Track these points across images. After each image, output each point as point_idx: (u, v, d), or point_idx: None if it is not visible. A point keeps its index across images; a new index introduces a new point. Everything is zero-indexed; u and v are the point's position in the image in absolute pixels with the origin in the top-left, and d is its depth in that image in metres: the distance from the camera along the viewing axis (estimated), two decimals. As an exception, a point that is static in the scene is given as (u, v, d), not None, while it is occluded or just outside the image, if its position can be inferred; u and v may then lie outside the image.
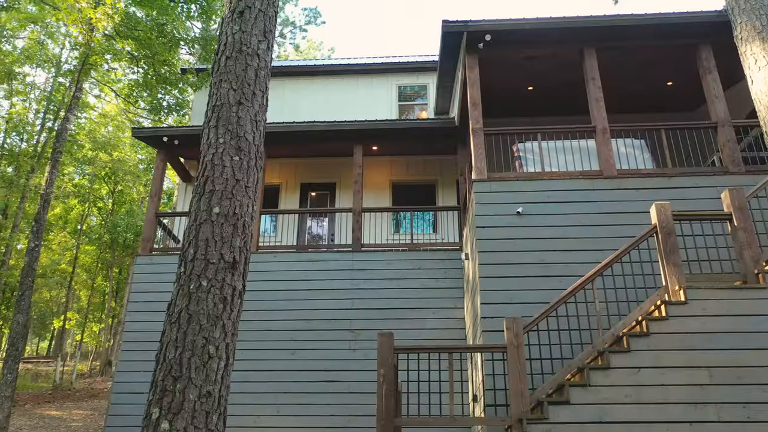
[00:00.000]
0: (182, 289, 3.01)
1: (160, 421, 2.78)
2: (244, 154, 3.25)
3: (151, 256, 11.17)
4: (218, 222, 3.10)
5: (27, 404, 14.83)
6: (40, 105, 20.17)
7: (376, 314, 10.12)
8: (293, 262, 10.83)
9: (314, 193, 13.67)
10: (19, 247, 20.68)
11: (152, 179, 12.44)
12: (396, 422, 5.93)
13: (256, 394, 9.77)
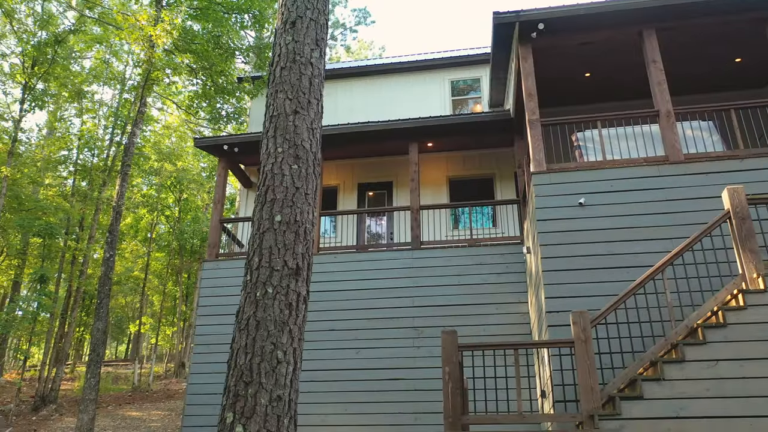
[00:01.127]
0: (249, 296, 3.10)
1: (235, 425, 2.87)
2: (302, 162, 3.31)
3: (217, 261, 11.53)
4: (280, 230, 3.17)
5: (109, 406, 15.61)
6: (108, 121, 21.16)
7: (438, 311, 10.10)
8: (354, 262, 10.94)
9: (371, 192, 13.75)
10: (95, 257, 21.76)
11: (215, 187, 12.85)
12: (463, 420, 5.91)
13: (323, 393, 9.94)
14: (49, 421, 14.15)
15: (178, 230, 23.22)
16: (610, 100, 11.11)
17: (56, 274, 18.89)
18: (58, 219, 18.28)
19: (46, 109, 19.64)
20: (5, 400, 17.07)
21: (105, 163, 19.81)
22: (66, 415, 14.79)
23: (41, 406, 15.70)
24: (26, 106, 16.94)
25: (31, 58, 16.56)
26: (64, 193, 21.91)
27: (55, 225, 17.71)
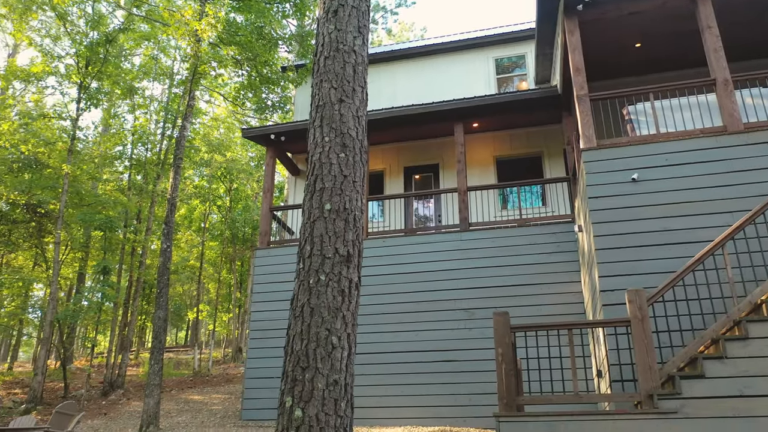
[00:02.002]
0: (303, 284, 3.16)
1: (294, 409, 2.96)
2: (349, 150, 3.34)
3: (268, 249, 11.77)
4: (330, 218, 3.22)
5: (172, 390, 16.24)
6: (158, 116, 21.75)
7: (489, 293, 10.06)
8: (402, 245, 10.99)
9: (418, 176, 13.73)
10: (153, 248, 22.55)
11: (264, 176, 13.08)
12: (518, 400, 5.89)
13: (378, 376, 10.08)
14: (118, 405, 14.86)
15: (230, 219, 23.78)
16: (663, 70, 10.72)
17: (117, 266, 19.67)
18: (117, 212, 18.99)
19: (101, 107, 20.33)
20: (77, 385, 18.00)
21: (158, 156, 20.42)
22: (133, 399, 15.49)
23: (110, 391, 16.49)
24: (82, 105, 17.59)
25: (85, 58, 17.14)
26: (121, 187, 22.72)
27: (114, 218, 18.41)
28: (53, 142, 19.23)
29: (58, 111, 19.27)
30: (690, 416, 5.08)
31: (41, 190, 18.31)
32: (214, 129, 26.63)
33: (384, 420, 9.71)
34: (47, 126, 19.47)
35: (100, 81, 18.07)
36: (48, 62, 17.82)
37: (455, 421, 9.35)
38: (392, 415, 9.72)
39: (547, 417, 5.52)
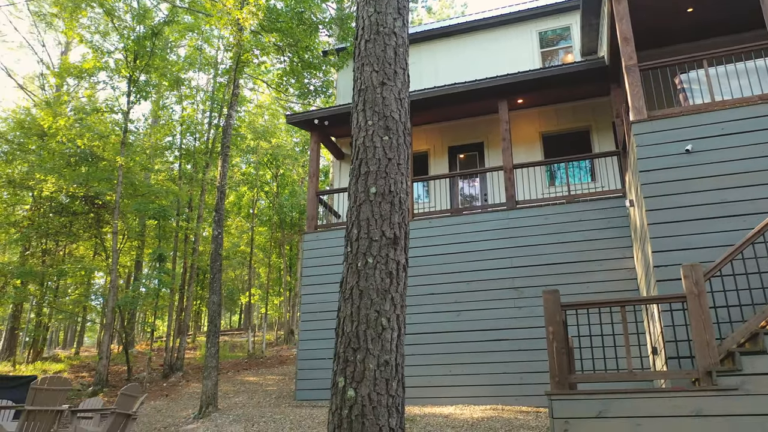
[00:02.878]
0: (351, 267, 3.21)
1: (347, 389, 3.02)
2: (392, 133, 3.35)
3: (316, 233, 11.93)
4: (376, 201, 3.25)
5: (229, 372, 16.77)
6: (205, 105, 22.19)
7: (538, 271, 9.95)
8: (449, 225, 10.96)
9: (462, 155, 13.62)
10: (205, 234, 23.16)
11: (309, 161, 13.23)
12: (570, 379, 5.84)
13: (428, 356, 10.15)
14: (178, 387, 15.45)
15: (278, 205, 24.18)
16: (716, 35, 10.25)
17: (172, 253, 20.31)
18: (169, 201, 19.56)
19: (150, 99, 20.88)
20: (139, 368, 18.79)
21: (206, 145, 20.88)
22: (192, 381, 16.08)
23: (170, 374, 17.15)
24: (132, 98, 18.11)
25: (133, 52, 17.60)
26: (172, 176, 23.37)
27: (167, 207, 18.98)
28: (107, 136, 19.90)
29: (110, 105, 19.91)
30: (751, 393, 4.93)
31: (98, 182, 19.01)
32: (258, 116, 27.01)
33: (435, 399, 9.79)
34: (100, 120, 20.14)
35: (148, 74, 18.54)
36: (98, 58, 18.38)
37: (506, 400, 9.35)
38: (443, 395, 9.79)
39: (600, 395, 5.46)
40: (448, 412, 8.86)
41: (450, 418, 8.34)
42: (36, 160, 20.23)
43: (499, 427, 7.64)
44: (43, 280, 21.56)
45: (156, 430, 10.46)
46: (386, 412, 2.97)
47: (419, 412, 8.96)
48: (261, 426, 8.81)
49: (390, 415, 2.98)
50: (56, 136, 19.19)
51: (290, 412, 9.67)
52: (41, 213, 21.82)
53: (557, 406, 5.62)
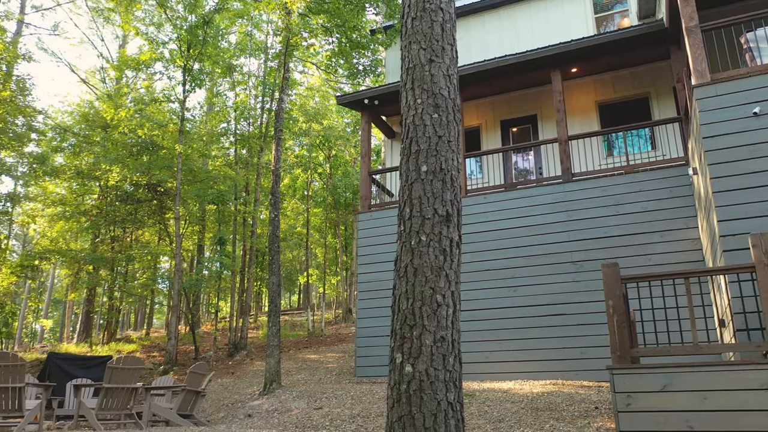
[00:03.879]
0: (405, 245, 3.24)
1: (404, 365, 3.08)
2: (441, 110, 3.33)
3: (370, 212, 12.03)
4: (428, 179, 3.26)
5: (290, 350, 17.25)
6: (257, 91, 22.56)
7: (596, 244, 9.74)
8: (503, 201, 10.83)
9: (515, 128, 13.38)
10: (262, 217, 23.72)
11: (360, 141, 13.30)
12: (632, 353, 5.74)
13: (486, 332, 10.15)
14: (243, 365, 16.02)
15: (331, 186, 24.48)
16: (786, -12, 9.62)
17: (231, 236, 20.92)
18: (227, 186, 20.10)
19: (204, 87, 21.38)
20: (205, 348, 19.57)
21: (259, 130, 21.27)
22: (255, 359, 16.63)
23: (234, 353, 17.79)
24: (187, 87, 18.59)
25: (186, 41, 18.03)
26: (229, 162, 23.97)
27: (225, 192, 19.53)
28: (165, 125, 20.56)
29: (167, 94, 20.50)
30: (827, 366, 4.72)
31: (159, 170, 19.72)
32: (309, 98, 27.26)
33: (494, 375, 9.80)
34: (158, 110, 20.80)
35: (201, 62, 18.97)
36: (154, 49, 18.92)
37: (566, 375, 9.26)
38: (502, 370, 9.79)
39: (664, 369, 5.35)
40: (507, 387, 8.86)
41: (509, 393, 8.35)
42: (101, 151, 21.13)
43: (560, 402, 7.59)
44: (113, 266, 22.66)
45: (224, 406, 10.91)
46: (444, 386, 3.01)
47: (478, 387, 9.00)
48: (323, 401, 9.05)
49: (448, 389, 3.02)
50: (118, 128, 19.96)
51: (351, 388, 9.89)
52: (108, 201, 22.85)
53: (619, 380, 5.54)
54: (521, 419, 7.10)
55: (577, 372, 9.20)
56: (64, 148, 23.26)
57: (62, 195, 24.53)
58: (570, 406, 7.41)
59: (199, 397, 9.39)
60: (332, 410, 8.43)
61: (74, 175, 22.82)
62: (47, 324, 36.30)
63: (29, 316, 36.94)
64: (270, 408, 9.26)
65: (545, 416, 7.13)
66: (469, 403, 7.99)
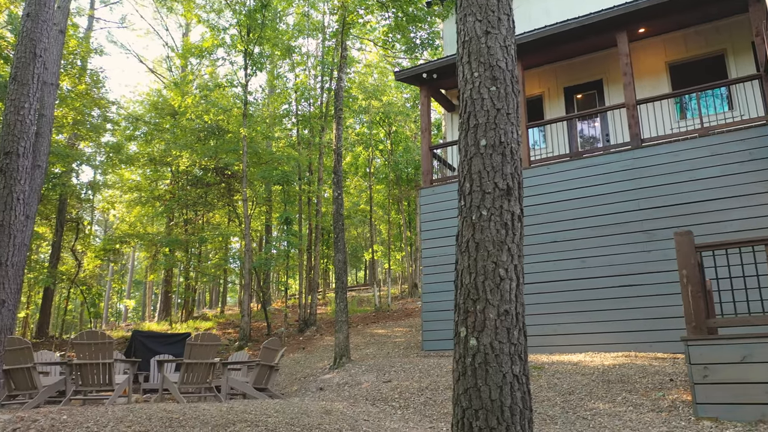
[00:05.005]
0: (465, 220, 3.24)
1: (468, 338, 3.11)
2: (499, 82, 3.28)
3: (432, 187, 12.01)
4: (487, 153, 3.23)
5: (358, 325, 17.60)
6: (316, 71, 22.77)
7: (668, 212, 9.37)
8: (568, 170, 10.56)
9: (580, 95, 12.95)
10: (326, 196, 24.11)
11: (420, 115, 13.22)
12: (709, 323, 5.55)
13: (553, 304, 10.01)
14: (313, 340, 16.49)
15: (393, 162, 24.52)
16: None
17: (297, 215, 21.39)
18: (291, 167, 20.51)
19: (265, 70, 21.78)
20: (277, 324, 20.25)
21: (320, 110, 21.51)
22: (325, 334, 17.08)
23: (304, 328, 18.32)
24: (249, 71, 18.98)
25: (245, 26, 18.36)
26: (292, 142, 24.41)
27: (289, 172, 19.94)
28: (229, 109, 21.12)
29: (230, 79, 21.01)
30: None
31: (225, 154, 20.34)
32: (368, 75, 27.26)
33: (563, 347, 9.69)
34: (222, 95, 21.37)
35: (261, 45, 19.29)
36: (215, 35, 19.38)
37: (639, 347, 9.03)
38: (572, 342, 9.65)
39: (744, 339, 5.14)
40: (577, 359, 8.74)
41: (579, 366, 8.24)
42: (171, 138, 22.00)
43: (633, 374, 7.44)
44: (187, 247, 23.68)
45: (297, 379, 11.30)
46: (509, 359, 3.01)
47: (547, 360, 8.93)
48: (392, 375, 9.22)
49: (513, 362, 3.03)
50: (185, 114, 20.68)
51: (418, 361, 10.02)
52: (180, 186, 23.81)
53: (695, 351, 5.38)
54: (592, 391, 7.01)
55: (651, 344, 8.96)
56: (136, 136, 24.36)
57: (137, 181, 25.77)
58: (643, 378, 7.25)
59: (273, 372, 9.76)
60: (401, 383, 8.59)
61: (147, 161, 23.90)
62: (130, 304, 38.47)
63: (114, 297, 39.25)
64: (341, 381, 9.53)
65: (617, 388, 7.01)
66: (537, 375, 7.95)
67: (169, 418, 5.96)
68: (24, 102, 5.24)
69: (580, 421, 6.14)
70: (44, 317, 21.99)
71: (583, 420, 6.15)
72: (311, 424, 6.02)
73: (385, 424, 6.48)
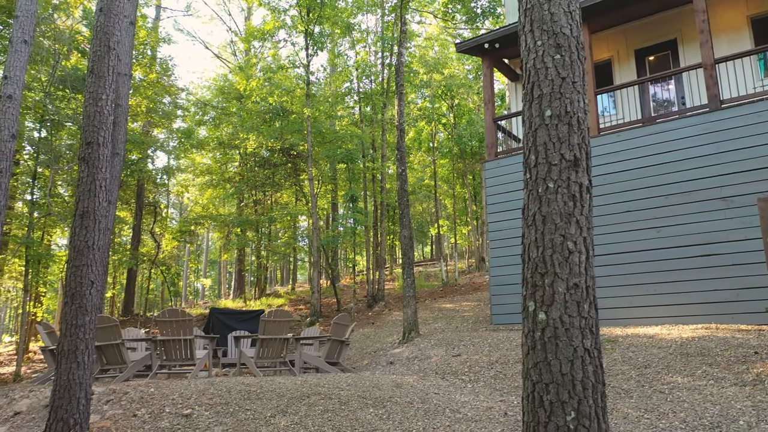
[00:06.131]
0: (531, 193, 3.18)
1: (537, 312, 3.08)
2: (564, 50, 3.17)
3: (497, 160, 11.82)
4: (552, 124, 3.14)
5: (426, 300, 17.69)
6: (376, 47, 22.70)
7: (749, 177, 8.83)
8: (641, 137, 10.13)
9: (652, 57, 12.33)
10: (390, 172, 24.19)
11: (483, 87, 12.98)
12: (796, 294, 5.24)
13: (627, 276, 9.72)
14: (381, 315, 16.73)
15: (456, 135, 24.23)
16: None
17: (362, 193, 21.59)
18: (354, 144, 20.66)
19: (325, 49, 21.89)
20: (346, 300, 20.65)
21: (381, 86, 21.47)
22: (393, 309, 17.28)
23: (373, 304, 18.60)
24: (310, 51, 19.16)
25: (305, 6, 18.49)
26: (354, 120, 24.54)
27: (353, 150, 20.11)
28: (292, 90, 21.43)
29: (292, 60, 21.28)
30: None
31: (290, 134, 20.72)
32: (428, 49, 26.92)
33: (639, 320, 9.41)
34: (285, 76, 21.69)
35: (321, 25, 19.39)
36: (276, 17, 19.63)
37: (720, 318, 8.65)
38: (647, 315, 9.36)
39: (836, 310, 4.83)
40: (653, 332, 8.48)
41: (655, 339, 7.99)
42: (238, 121, 22.59)
43: (713, 347, 7.15)
44: (258, 227, 24.42)
45: (367, 354, 11.53)
46: (579, 333, 2.96)
47: (621, 333, 8.71)
48: (461, 349, 9.26)
49: (584, 336, 2.97)
50: (251, 97, 21.15)
51: (487, 335, 10.00)
52: (248, 168, 24.51)
53: (781, 323, 5.10)
54: (669, 365, 6.80)
55: (733, 315, 8.57)
56: (205, 121, 25.17)
57: (208, 165, 26.70)
58: (725, 351, 6.96)
59: (343, 346, 10.01)
60: (470, 357, 8.61)
61: (216, 145, 24.69)
62: (206, 282, 40.18)
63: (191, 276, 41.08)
64: (410, 355, 9.65)
65: (696, 362, 6.77)
66: (611, 349, 7.78)
67: (247, 390, 6.24)
68: (101, 93, 5.51)
69: (657, 395, 5.98)
70: (129, 296, 23.33)
71: (660, 394, 5.99)
72: (383, 397, 6.16)
73: (456, 397, 6.53)
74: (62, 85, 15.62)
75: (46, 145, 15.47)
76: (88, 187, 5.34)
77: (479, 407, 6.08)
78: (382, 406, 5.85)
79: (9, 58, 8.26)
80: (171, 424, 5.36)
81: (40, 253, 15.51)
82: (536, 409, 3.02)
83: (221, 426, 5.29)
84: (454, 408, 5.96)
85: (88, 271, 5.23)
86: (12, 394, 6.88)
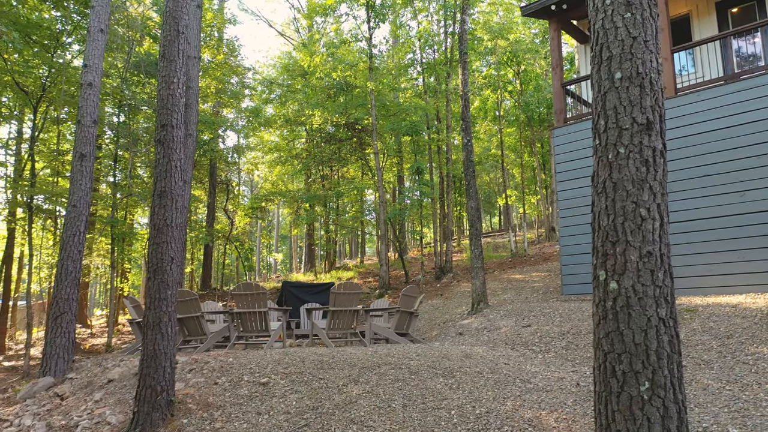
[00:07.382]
0: (601, 160, 3.08)
1: (608, 282, 3.00)
2: (635, 7, 3.01)
3: (566, 127, 11.46)
4: (623, 86, 3.00)
5: (495, 271, 17.54)
6: (438, 15, 22.29)
7: None
8: (723, 96, 9.54)
9: (735, 8, 11.52)
10: (455, 143, 23.91)
11: (550, 51, 12.54)
12: None
13: (708, 243, 9.28)
14: (450, 287, 16.74)
15: (523, 103, 23.58)
16: None
17: (428, 165, 21.48)
18: (418, 116, 20.51)
19: (387, 21, 21.68)
20: (414, 272, 20.77)
21: (444, 56, 21.12)
22: (461, 281, 17.25)
23: (441, 276, 18.62)
24: (372, 24, 19.04)
25: (366, -23, 18.35)
26: (418, 92, 24.33)
27: (417, 122, 19.98)
28: (355, 64, 21.43)
29: (354, 34, 21.24)
30: None
31: (354, 109, 20.79)
32: (492, 14, 26.19)
33: (720, 288, 8.99)
34: (348, 50, 21.70)
35: (382, -5, 19.21)
36: (337, -9, 19.58)
37: (812, 287, 8.14)
38: (729, 283, 8.92)
39: None
40: (736, 301, 8.09)
41: (739, 308, 7.63)
42: (303, 98, 22.88)
43: (803, 317, 6.76)
44: (326, 202, 24.82)
45: (436, 325, 11.61)
46: (653, 302, 2.87)
47: (701, 302, 8.36)
48: (531, 319, 9.17)
49: (658, 305, 2.88)
50: (315, 73, 21.32)
51: (558, 306, 9.84)
52: (315, 144, 24.85)
53: None
54: (754, 335, 6.49)
55: (826, 283, 8.04)
56: (272, 99, 25.63)
57: (276, 142, 27.26)
58: (816, 321, 6.57)
59: (412, 318, 10.11)
60: (540, 328, 8.51)
61: (283, 123, 25.14)
62: (278, 257, 41.36)
63: (264, 251, 42.38)
64: (479, 326, 9.65)
65: (784, 332, 6.42)
66: (690, 318, 7.50)
67: (320, 360, 6.44)
68: (173, 77, 5.71)
69: (740, 366, 5.74)
70: (206, 271, 24.39)
71: (743, 365, 5.74)
72: (452, 367, 6.21)
73: (526, 367, 6.50)
74: (137, 71, 16.28)
75: (125, 129, 16.23)
76: (164, 168, 5.60)
77: (550, 377, 6.03)
78: (451, 376, 5.90)
79: (87, 47, 8.67)
80: (249, 392, 5.62)
81: (124, 232, 16.40)
82: (608, 379, 2.97)
83: (296, 394, 5.50)
84: (524, 378, 5.94)
85: (168, 247, 5.50)
86: (105, 363, 7.40)
